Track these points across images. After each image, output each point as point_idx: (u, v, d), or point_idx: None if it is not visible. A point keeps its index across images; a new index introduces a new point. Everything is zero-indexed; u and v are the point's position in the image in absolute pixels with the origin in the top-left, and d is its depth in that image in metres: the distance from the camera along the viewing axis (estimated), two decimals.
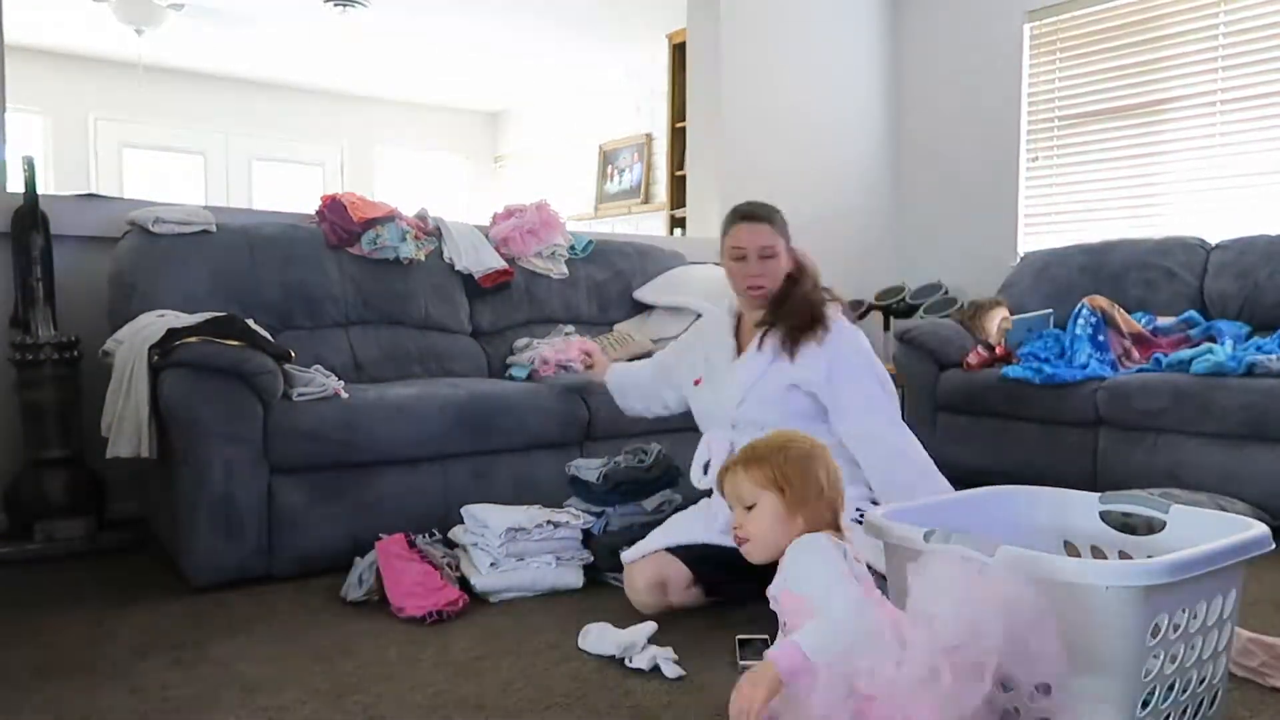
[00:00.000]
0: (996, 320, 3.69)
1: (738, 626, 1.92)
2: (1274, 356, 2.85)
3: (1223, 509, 2.57)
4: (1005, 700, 1.27)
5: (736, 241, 2.15)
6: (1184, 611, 1.27)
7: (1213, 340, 3.20)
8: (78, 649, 1.85)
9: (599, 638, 1.81)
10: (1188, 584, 1.24)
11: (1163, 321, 3.43)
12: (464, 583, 2.16)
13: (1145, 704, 1.25)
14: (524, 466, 2.70)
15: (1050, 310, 3.64)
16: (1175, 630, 1.27)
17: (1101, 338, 3.30)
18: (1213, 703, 1.39)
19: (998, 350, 3.53)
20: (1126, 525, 1.59)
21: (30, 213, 2.67)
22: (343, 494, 2.39)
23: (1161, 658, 1.27)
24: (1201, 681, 1.34)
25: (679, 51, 5.40)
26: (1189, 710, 1.33)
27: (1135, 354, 3.29)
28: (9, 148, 2.82)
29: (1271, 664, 1.68)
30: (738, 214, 2.17)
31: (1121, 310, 3.40)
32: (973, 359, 3.56)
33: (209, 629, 1.96)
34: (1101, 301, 3.37)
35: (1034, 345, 3.42)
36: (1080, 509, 1.65)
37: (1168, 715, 1.30)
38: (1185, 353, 3.06)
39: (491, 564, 2.16)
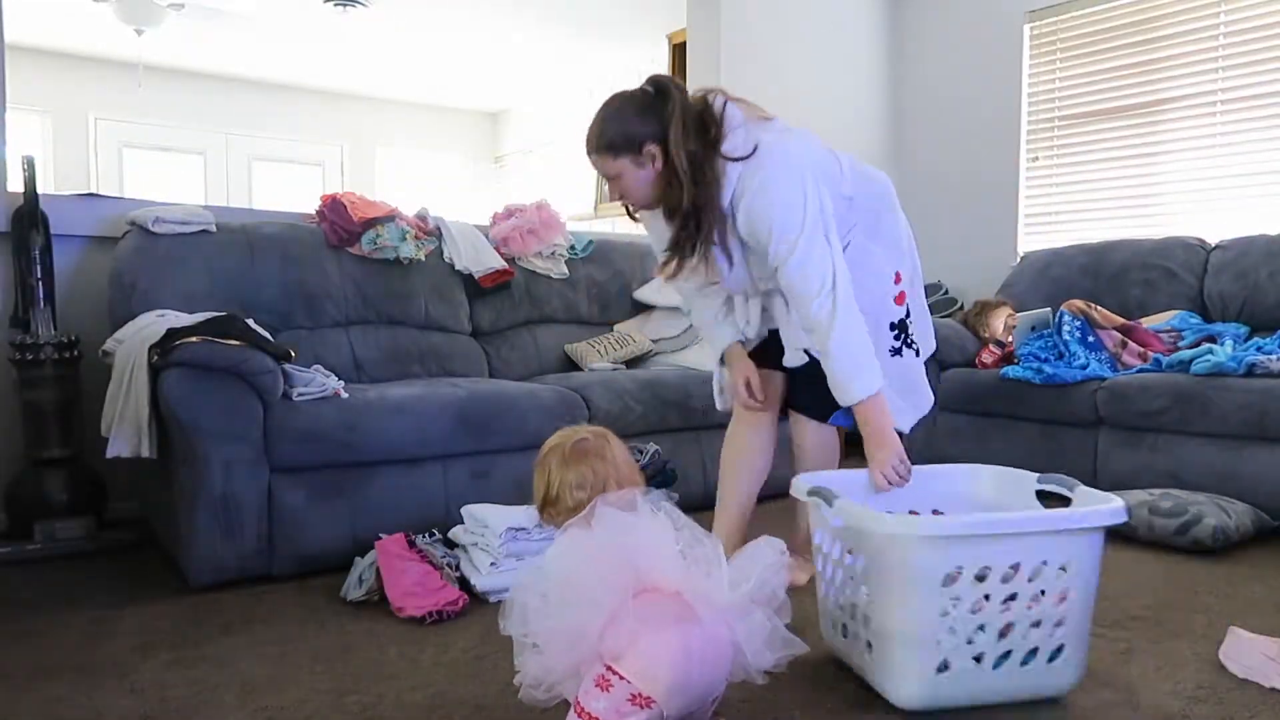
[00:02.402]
0: (1002, 319, 3.70)
1: None
2: (1274, 357, 2.84)
3: (1223, 510, 2.57)
4: None
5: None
6: (983, 566, 1.50)
7: (1211, 340, 3.20)
8: (78, 649, 1.85)
9: None
10: (985, 543, 1.50)
11: (1150, 325, 3.43)
12: (464, 583, 2.16)
13: (942, 642, 1.51)
14: (524, 466, 2.67)
15: (1047, 309, 3.64)
16: (977, 580, 1.51)
17: (1091, 339, 3.30)
18: (1033, 657, 1.56)
19: (1008, 348, 3.54)
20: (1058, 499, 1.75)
21: (30, 213, 2.67)
22: (343, 494, 2.39)
23: (960, 602, 1.50)
24: (1004, 633, 1.54)
25: (679, 51, 5.40)
26: (988, 655, 1.54)
27: (1131, 345, 3.29)
28: (9, 148, 2.82)
29: (1271, 664, 1.67)
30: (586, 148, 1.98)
31: (1098, 307, 3.40)
32: (986, 358, 3.56)
33: (209, 629, 1.96)
34: (1077, 304, 3.38)
35: (1034, 345, 3.42)
36: (1018, 486, 1.84)
37: (975, 655, 1.54)
38: (1185, 353, 3.06)
39: (491, 564, 2.16)
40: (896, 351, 2.11)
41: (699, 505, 2.99)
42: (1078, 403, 3.16)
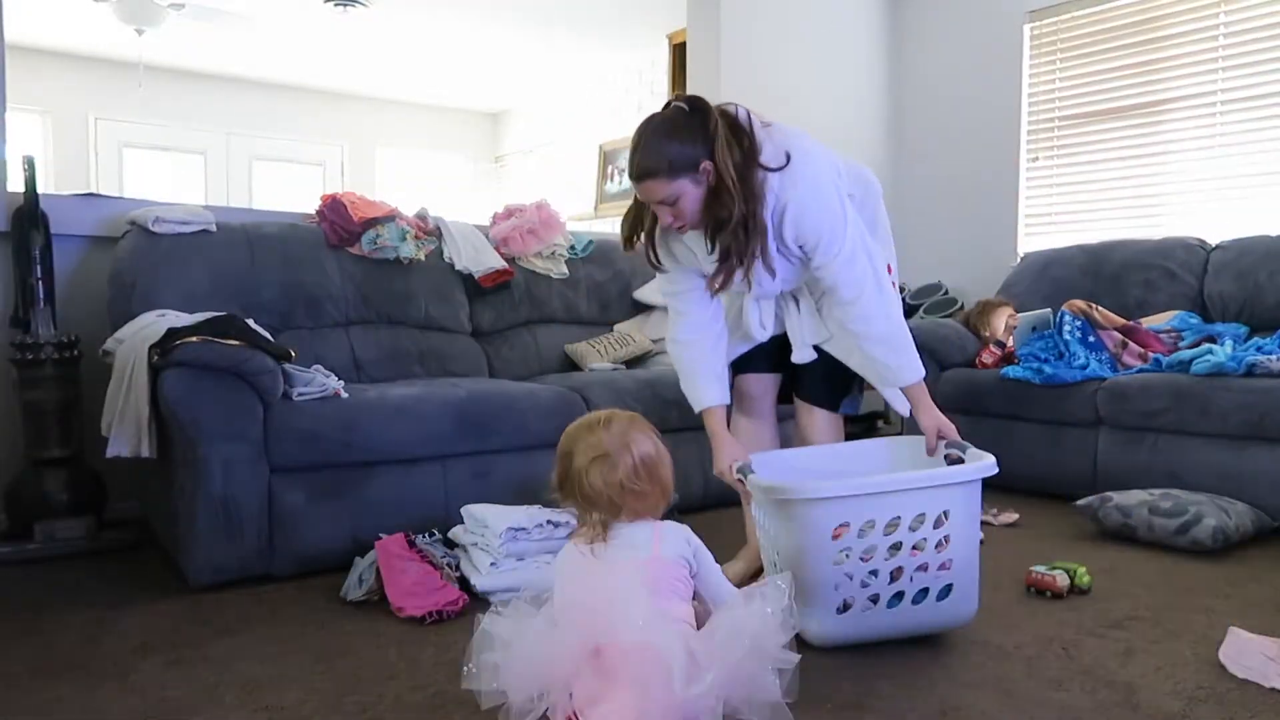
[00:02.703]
0: (1003, 319, 3.70)
1: None
2: (1274, 357, 2.84)
3: (1223, 510, 2.57)
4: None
5: (642, 199, 1.98)
6: (867, 520, 1.74)
7: (1211, 340, 3.20)
8: (77, 649, 1.85)
9: None
10: (865, 501, 1.74)
11: (1150, 325, 3.43)
12: (464, 583, 2.16)
13: (840, 587, 1.75)
14: (524, 466, 2.70)
15: (1050, 309, 3.64)
16: (862, 533, 1.75)
17: (1092, 339, 3.30)
18: (924, 596, 1.80)
19: (1009, 348, 3.54)
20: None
21: (30, 212, 2.67)
22: (343, 494, 2.39)
23: (851, 551, 1.74)
24: (895, 577, 1.78)
25: (679, 51, 5.40)
26: (883, 596, 1.78)
27: (1131, 345, 3.29)
28: (9, 148, 2.82)
29: (1271, 664, 1.67)
30: (630, 174, 1.94)
31: (1099, 308, 3.40)
32: (987, 358, 3.56)
33: (209, 629, 1.96)
34: (1078, 304, 3.38)
35: (1034, 346, 3.42)
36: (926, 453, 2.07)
37: (871, 596, 1.78)
38: (1185, 353, 3.06)
39: (491, 564, 2.16)
40: None
41: (699, 506, 3.00)
42: (1078, 403, 3.16)
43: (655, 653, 1.28)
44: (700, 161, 1.86)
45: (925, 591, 1.80)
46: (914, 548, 1.76)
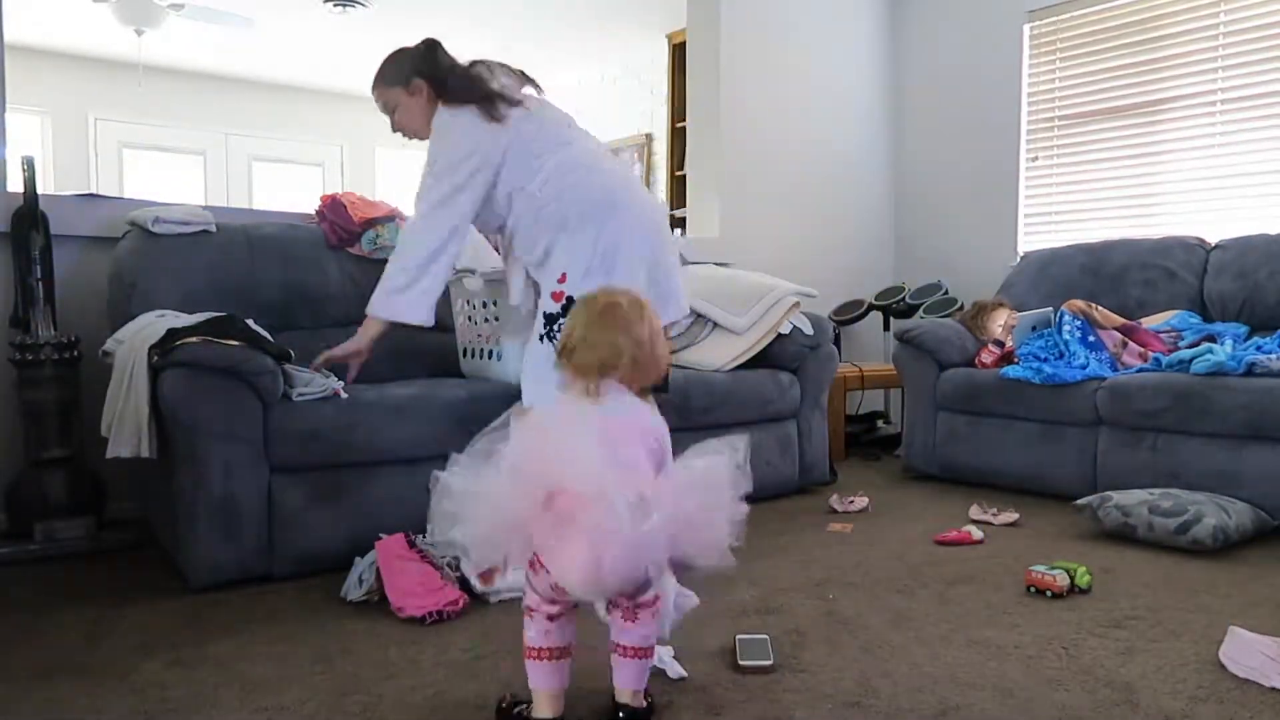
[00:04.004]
0: (1001, 320, 3.70)
1: (739, 626, 1.92)
2: (1274, 356, 2.85)
3: (1223, 509, 2.57)
4: None
5: None
6: None
7: (1211, 340, 3.20)
8: (78, 649, 1.85)
9: None
10: None
11: (1150, 325, 3.43)
12: (464, 583, 2.16)
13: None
14: None
15: (1048, 309, 3.64)
16: None
17: (1092, 338, 3.30)
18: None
19: (1008, 348, 3.54)
20: None
21: (30, 213, 2.67)
22: (343, 494, 2.39)
23: None
24: None
25: (679, 51, 5.41)
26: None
27: (1131, 344, 3.29)
28: (9, 148, 2.82)
29: (1272, 664, 1.67)
30: None
31: (1098, 307, 3.41)
32: (986, 358, 3.56)
33: (209, 629, 1.96)
34: (1078, 304, 3.38)
35: (1034, 345, 3.42)
36: None
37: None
38: (1185, 353, 3.06)
39: None
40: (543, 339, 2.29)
41: None
42: (1078, 402, 3.16)
43: (607, 494, 1.33)
44: (411, 76, 2.36)
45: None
46: None
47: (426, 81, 2.38)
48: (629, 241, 2.27)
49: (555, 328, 2.25)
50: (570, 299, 2.20)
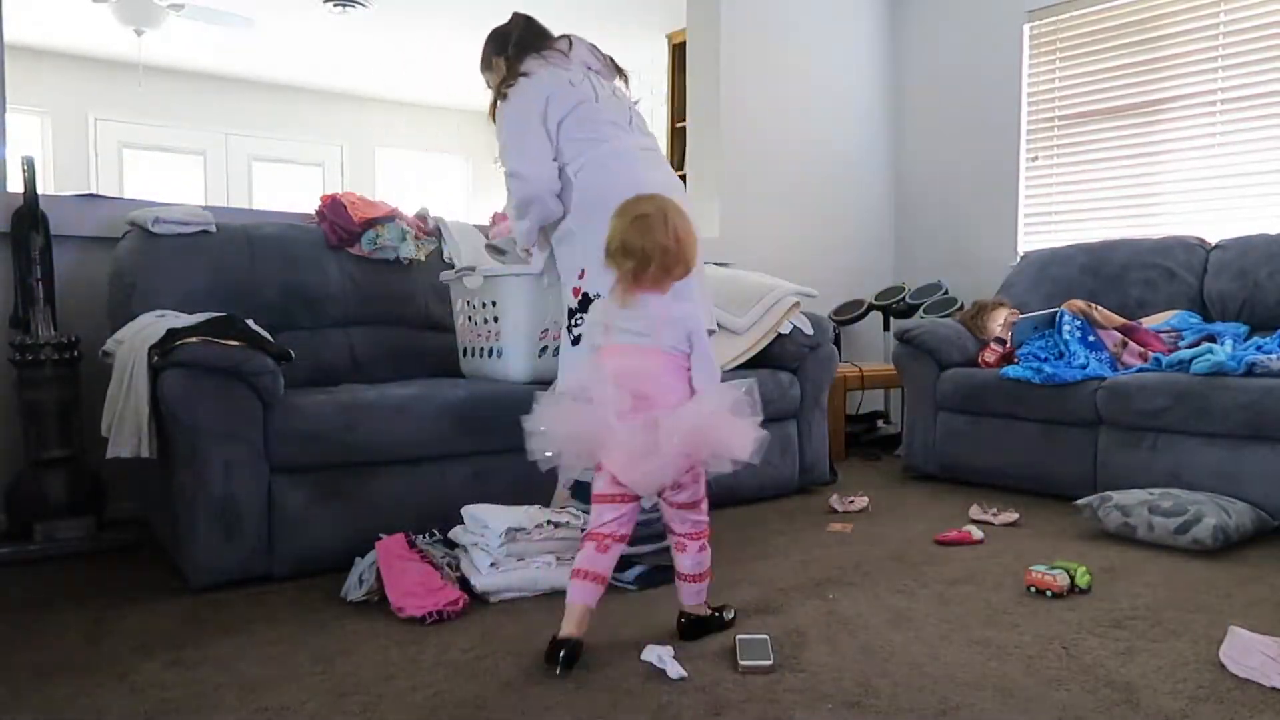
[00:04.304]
0: (1001, 319, 3.69)
1: (738, 626, 1.92)
2: (1274, 356, 2.84)
3: (1223, 509, 2.57)
4: None
5: None
6: None
7: (1211, 339, 3.20)
8: (78, 649, 1.85)
9: None
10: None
11: (1150, 325, 3.43)
12: (464, 583, 2.16)
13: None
14: (524, 466, 2.68)
15: (1054, 310, 3.64)
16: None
17: (1092, 338, 3.30)
18: None
19: (1009, 346, 3.53)
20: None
21: (30, 213, 2.67)
22: (343, 494, 2.39)
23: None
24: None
25: (679, 51, 5.41)
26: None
27: (1131, 344, 3.29)
28: (9, 148, 2.82)
29: (1272, 664, 1.67)
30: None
31: (1098, 307, 3.41)
32: (989, 356, 3.56)
33: (209, 629, 1.96)
34: (1078, 304, 3.38)
35: (1034, 345, 3.42)
36: None
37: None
38: (1185, 353, 3.06)
39: (491, 564, 2.16)
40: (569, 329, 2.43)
41: None
42: (1078, 402, 3.16)
43: (617, 432, 1.76)
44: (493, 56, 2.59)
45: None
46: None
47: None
48: None
49: (576, 320, 2.38)
50: (587, 295, 2.34)
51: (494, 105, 2.53)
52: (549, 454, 1.89)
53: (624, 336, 1.85)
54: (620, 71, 2.64)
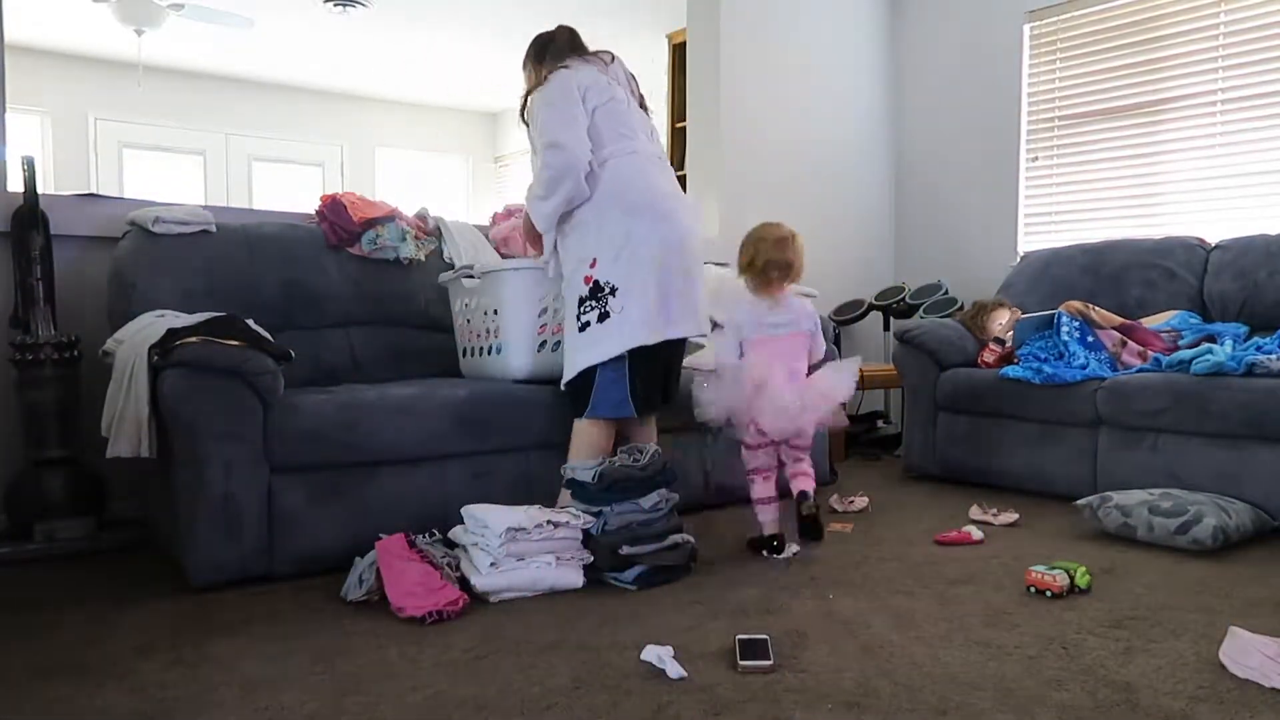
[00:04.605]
0: (1001, 319, 3.69)
1: (738, 626, 1.92)
2: (1274, 356, 2.84)
3: (1223, 509, 2.57)
4: None
5: None
6: None
7: (1211, 340, 3.20)
8: (78, 649, 1.85)
9: None
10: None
11: (1150, 325, 3.42)
12: (464, 583, 2.16)
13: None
14: (524, 466, 2.70)
15: (1053, 311, 3.64)
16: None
17: (1091, 339, 3.30)
18: None
19: (1008, 347, 3.53)
20: None
21: (30, 213, 2.67)
22: (343, 494, 2.39)
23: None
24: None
25: (679, 51, 5.40)
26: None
27: (1131, 344, 3.29)
28: (9, 148, 2.82)
29: (1272, 664, 1.67)
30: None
31: (1096, 308, 3.41)
32: (989, 356, 3.56)
33: (209, 629, 1.96)
34: (1075, 305, 3.38)
35: (1034, 345, 3.42)
36: None
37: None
38: (1185, 353, 3.06)
39: (491, 564, 2.15)
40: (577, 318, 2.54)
41: (700, 505, 3.00)
42: (1078, 403, 3.16)
43: (781, 393, 2.47)
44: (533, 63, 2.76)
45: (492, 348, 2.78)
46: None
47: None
48: (652, 247, 2.48)
49: (585, 308, 2.48)
50: (598, 282, 2.47)
51: (524, 104, 2.67)
52: (713, 415, 2.50)
53: (772, 330, 2.54)
54: (645, 107, 2.76)
